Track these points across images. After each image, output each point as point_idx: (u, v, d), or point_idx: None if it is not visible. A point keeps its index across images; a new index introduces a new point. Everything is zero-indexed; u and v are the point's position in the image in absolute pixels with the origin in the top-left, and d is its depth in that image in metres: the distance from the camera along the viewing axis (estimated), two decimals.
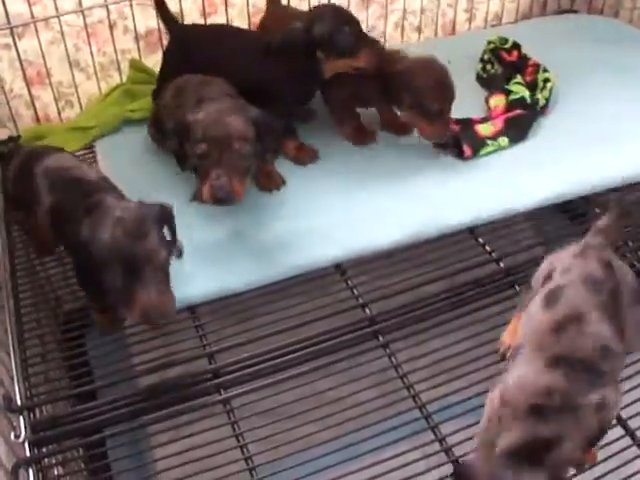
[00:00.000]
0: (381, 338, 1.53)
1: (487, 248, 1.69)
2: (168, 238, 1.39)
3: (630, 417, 1.38)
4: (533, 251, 1.70)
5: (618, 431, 1.37)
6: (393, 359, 1.50)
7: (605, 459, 1.30)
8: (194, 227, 1.55)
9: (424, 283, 1.60)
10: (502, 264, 1.66)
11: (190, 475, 1.36)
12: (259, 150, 1.57)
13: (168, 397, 1.46)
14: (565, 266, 1.35)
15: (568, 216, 1.90)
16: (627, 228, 1.63)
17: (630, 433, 1.37)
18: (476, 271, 1.65)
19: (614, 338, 1.24)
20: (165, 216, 1.39)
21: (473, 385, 1.46)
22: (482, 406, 1.39)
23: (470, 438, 1.35)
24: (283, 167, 1.84)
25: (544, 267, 1.40)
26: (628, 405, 1.38)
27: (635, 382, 1.42)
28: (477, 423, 1.40)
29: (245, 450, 1.39)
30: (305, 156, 1.89)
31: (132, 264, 1.28)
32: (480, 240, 1.71)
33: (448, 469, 1.35)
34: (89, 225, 1.33)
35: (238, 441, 1.40)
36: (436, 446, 1.39)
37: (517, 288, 1.61)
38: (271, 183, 1.80)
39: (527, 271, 1.60)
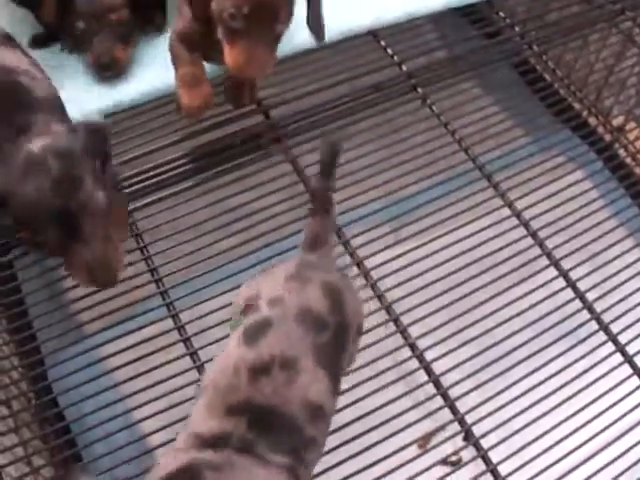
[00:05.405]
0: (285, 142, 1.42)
1: (389, 51, 1.56)
2: None
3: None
4: (435, 54, 1.58)
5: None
6: (296, 165, 1.39)
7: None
8: None
9: (325, 87, 1.47)
10: (404, 67, 1.54)
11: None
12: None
13: None
14: (275, 294, 0.95)
15: (470, 20, 1.74)
16: None
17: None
18: (378, 75, 1.52)
19: (330, 395, 0.91)
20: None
21: (372, 189, 1.37)
22: (382, 209, 1.32)
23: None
24: None
25: (244, 291, 1.05)
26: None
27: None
28: (380, 226, 1.33)
29: (150, 262, 1.29)
30: None
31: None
32: (382, 43, 1.57)
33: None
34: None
35: (143, 254, 1.30)
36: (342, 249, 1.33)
37: (419, 91, 1.50)
38: None
39: (429, 74, 1.51)
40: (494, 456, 1.15)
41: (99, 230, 1.06)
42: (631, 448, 1.16)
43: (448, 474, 1.12)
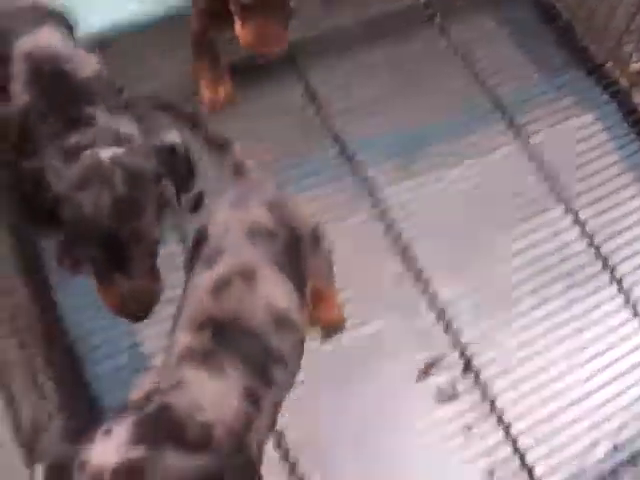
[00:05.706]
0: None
1: None
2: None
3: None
4: None
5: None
6: (309, 88, 1.38)
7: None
8: None
9: (341, 14, 1.44)
10: None
11: None
12: None
13: None
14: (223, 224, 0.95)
15: None
16: None
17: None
18: (395, 3, 1.48)
19: (296, 305, 0.91)
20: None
21: (386, 119, 1.35)
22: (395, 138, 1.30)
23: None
24: None
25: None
26: None
27: None
28: (392, 156, 1.31)
29: None
30: None
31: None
32: None
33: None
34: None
35: None
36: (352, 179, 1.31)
37: (436, 21, 1.48)
38: None
39: (446, 4, 1.48)
40: (492, 388, 1.16)
41: (146, 264, 0.95)
42: (628, 389, 1.18)
43: (447, 402, 1.14)
